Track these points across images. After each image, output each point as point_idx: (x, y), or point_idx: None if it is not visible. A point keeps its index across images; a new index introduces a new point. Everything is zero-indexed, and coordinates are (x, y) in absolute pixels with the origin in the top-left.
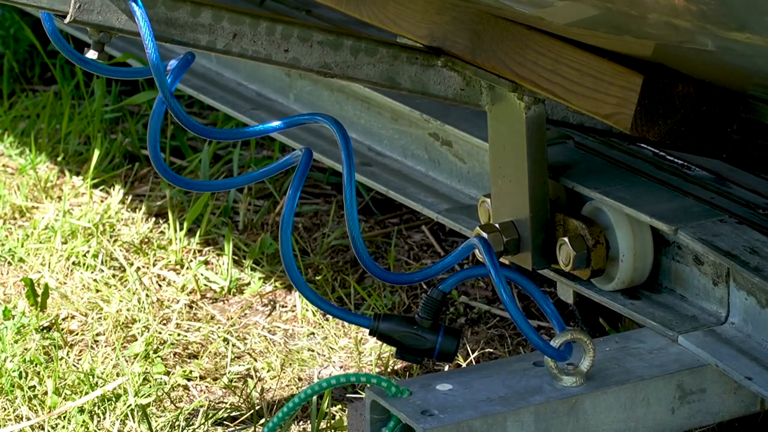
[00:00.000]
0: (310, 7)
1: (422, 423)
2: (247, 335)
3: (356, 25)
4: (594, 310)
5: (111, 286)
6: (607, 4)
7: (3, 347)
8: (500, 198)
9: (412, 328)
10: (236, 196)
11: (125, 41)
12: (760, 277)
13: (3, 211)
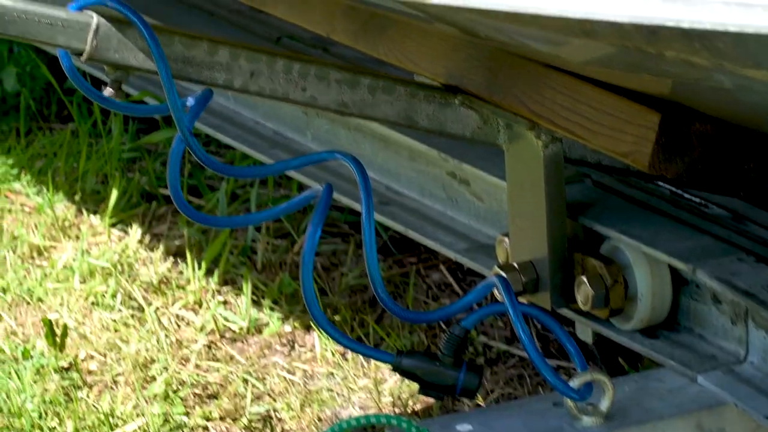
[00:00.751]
0: (326, 45)
1: None
2: (266, 375)
3: (373, 63)
4: (613, 350)
5: (130, 326)
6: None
7: (22, 387)
8: (519, 237)
9: (434, 364)
10: (254, 235)
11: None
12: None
13: (21, 251)
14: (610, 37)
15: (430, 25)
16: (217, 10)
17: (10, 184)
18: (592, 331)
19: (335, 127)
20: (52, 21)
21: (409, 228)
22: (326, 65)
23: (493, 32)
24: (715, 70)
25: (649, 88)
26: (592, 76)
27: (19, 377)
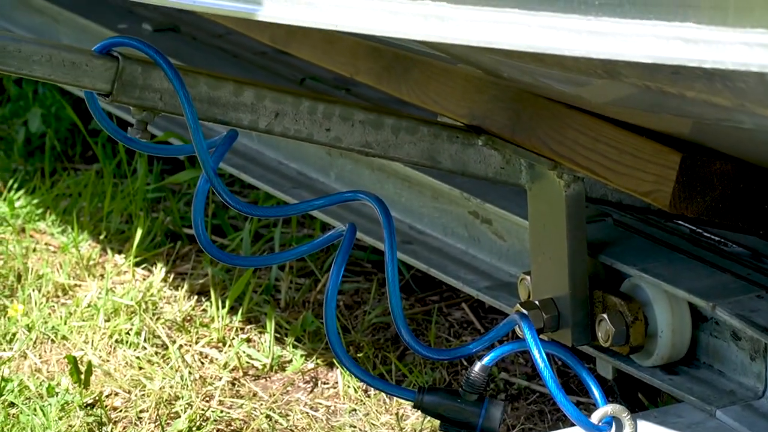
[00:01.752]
0: (348, 86)
1: None
2: (289, 412)
3: (396, 104)
4: (633, 386)
5: (154, 363)
6: (647, 82)
7: (47, 424)
8: (540, 275)
9: (456, 401)
10: (278, 274)
11: (167, 119)
12: None
13: (46, 290)
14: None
15: (454, 66)
16: (241, 52)
17: (35, 223)
18: (613, 367)
19: (359, 167)
20: (78, 62)
21: (431, 266)
22: (350, 106)
23: (517, 73)
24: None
25: (671, 128)
26: (614, 116)
27: (44, 414)
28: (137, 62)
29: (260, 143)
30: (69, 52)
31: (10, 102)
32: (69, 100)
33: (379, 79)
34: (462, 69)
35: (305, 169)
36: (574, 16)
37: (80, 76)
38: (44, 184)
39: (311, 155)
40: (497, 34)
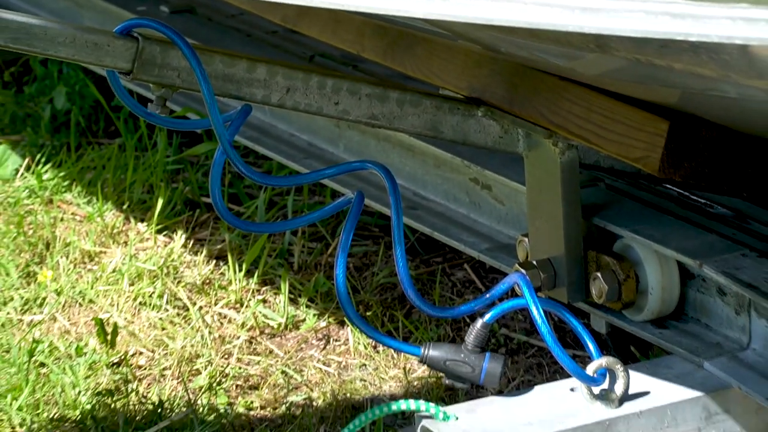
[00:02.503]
0: (356, 62)
1: None
2: (303, 368)
3: (400, 79)
4: (625, 339)
5: (176, 324)
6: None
7: (76, 382)
8: (537, 237)
9: (459, 355)
10: (291, 239)
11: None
12: None
13: (73, 257)
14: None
15: (455, 43)
16: (254, 31)
17: (62, 195)
18: (606, 322)
19: (365, 138)
20: (100, 43)
21: (435, 230)
22: (357, 81)
23: (514, 48)
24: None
25: (659, 98)
26: (606, 87)
27: (73, 373)
28: (156, 42)
29: (273, 117)
30: (91, 33)
31: (37, 81)
32: (92, 79)
33: (384, 56)
34: (462, 45)
35: (315, 141)
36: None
37: (102, 55)
38: (70, 158)
39: (321, 127)
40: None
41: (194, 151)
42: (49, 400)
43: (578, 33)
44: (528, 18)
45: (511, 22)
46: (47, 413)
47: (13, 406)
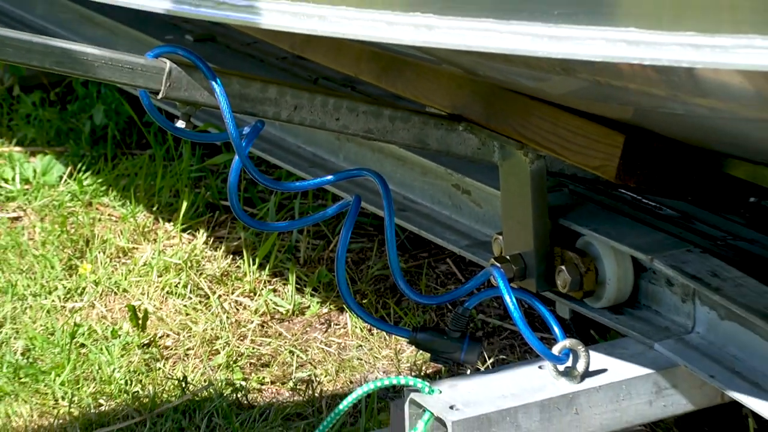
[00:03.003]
0: (354, 84)
1: (450, 415)
2: (308, 348)
3: (392, 98)
4: (586, 324)
5: (198, 310)
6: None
7: (111, 360)
8: (510, 235)
9: (443, 337)
10: (297, 236)
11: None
12: (719, 296)
13: (109, 252)
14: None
15: (439, 67)
16: (266, 57)
17: (100, 199)
18: (569, 309)
19: (362, 150)
20: (133, 66)
21: (422, 229)
22: (355, 99)
23: (491, 71)
24: (670, 99)
25: (616, 114)
26: (569, 105)
27: (109, 352)
28: (182, 66)
29: (282, 131)
30: (126, 58)
31: (78, 100)
32: (126, 98)
33: (379, 78)
34: (446, 69)
35: (319, 152)
36: (537, 23)
37: (136, 77)
38: (107, 167)
39: (323, 140)
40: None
41: (214, 160)
42: (88, 376)
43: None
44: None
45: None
46: (86, 388)
47: (56, 382)
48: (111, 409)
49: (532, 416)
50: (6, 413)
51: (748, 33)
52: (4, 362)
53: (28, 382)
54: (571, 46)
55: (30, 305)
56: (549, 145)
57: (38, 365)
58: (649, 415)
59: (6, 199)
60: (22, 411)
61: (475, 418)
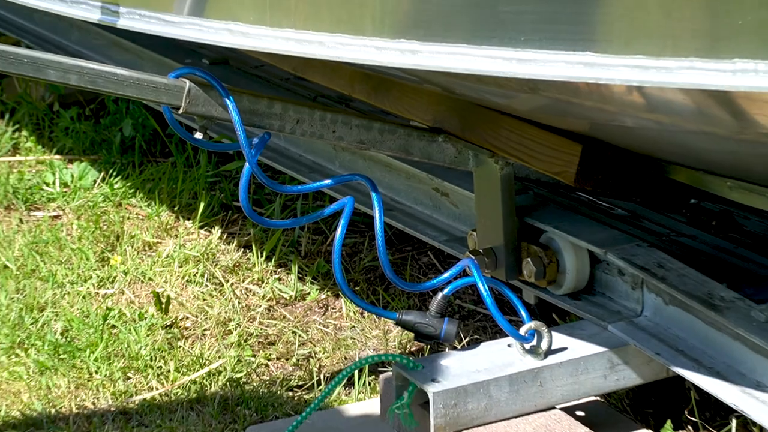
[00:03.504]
0: (348, 101)
1: (431, 387)
2: (308, 329)
3: (381, 113)
4: (549, 308)
5: (213, 296)
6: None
7: (138, 339)
8: (483, 231)
9: (425, 319)
10: (299, 233)
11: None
12: (664, 284)
13: (137, 246)
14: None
15: (421, 86)
16: (272, 78)
17: (129, 200)
18: (534, 295)
19: (355, 158)
20: (158, 85)
21: (406, 226)
22: (349, 114)
23: (465, 90)
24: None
25: (574, 127)
26: (534, 119)
27: (136, 332)
28: (200, 85)
29: (286, 142)
30: (151, 78)
31: (110, 115)
32: (151, 113)
33: (369, 96)
34: (427, 87)
35: (318, 160)
36: (506, 48)
37: (160, 95)
38: (134, 172)
39: (321, 150)
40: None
41: (227, 167)
42: (118, 353)
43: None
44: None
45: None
46: (116, 363)
47: (90, 358)
48: (138, 381)
49: (502, 388)
50: (47, 385)
51: (688, 56)
52: (46, 341)
53: (66, 358)
54: (536, 68)
55: (68, 292)
56: (516, 154)
57: (75, 344)
58: (604, 387)
59: (47, 200)
60: (61, 383)
61: (452, 389)
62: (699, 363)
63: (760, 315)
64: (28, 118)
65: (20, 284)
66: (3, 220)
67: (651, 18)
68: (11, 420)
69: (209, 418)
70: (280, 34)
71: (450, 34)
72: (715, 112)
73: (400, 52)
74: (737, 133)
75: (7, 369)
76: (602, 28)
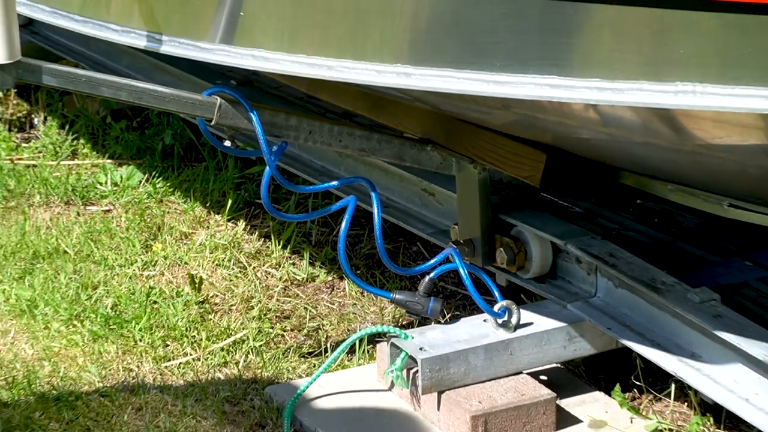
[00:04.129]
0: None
1: (420, 355)
2: (317, 305)
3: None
4: (518, 290)
5: (238, 277)
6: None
7: (176, 313)
8: (463, 225)
9: (414, 298)
10: (310, 225)
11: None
12: (614, 271)
13: (175, 235)
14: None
15: (413, 103)
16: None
17: (168, 197)
18: (506, 279)
19: (357, 164)
20: (194, 102)
21: (399, 221)
22: (353, 127)
23: (449, 107)
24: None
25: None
26: (506, 131)
27: (174, 307)
28: (229, 102)
29: (300, 150)
30: (189, 95)
31: (153, 126)
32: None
33: (369, 112)
34: (417, 105)
35: (326, 165)
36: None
37: (195, 110)
38: (173, 174)
39: (329, 156)
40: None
41: (251, 170)
42: (158, 324)
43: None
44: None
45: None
46: (157, 333)
47: (135, 328)
48: (175, 348)
49: (479, 356)
50: (99, 351)
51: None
52: (98, 314)
53: (115, 329)
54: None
55: (117, 273)
56: (491, 161)
57: (122, 316)
58: (564, 356)
59: (100, 196)
60: (110, 349)
61: (437, 356)
62: (643, 336)
63: (694, 297)
64: (85, 129)
65: (77, 266)
66: (63, 213)
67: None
68: (69, 380)
69: (234, 379)
70: (295, 59)
71: (438, 60)
72: (659, 126)
73: (396, 75)
74: (677, 145)
75: (65, 337)
76: (565, 55)
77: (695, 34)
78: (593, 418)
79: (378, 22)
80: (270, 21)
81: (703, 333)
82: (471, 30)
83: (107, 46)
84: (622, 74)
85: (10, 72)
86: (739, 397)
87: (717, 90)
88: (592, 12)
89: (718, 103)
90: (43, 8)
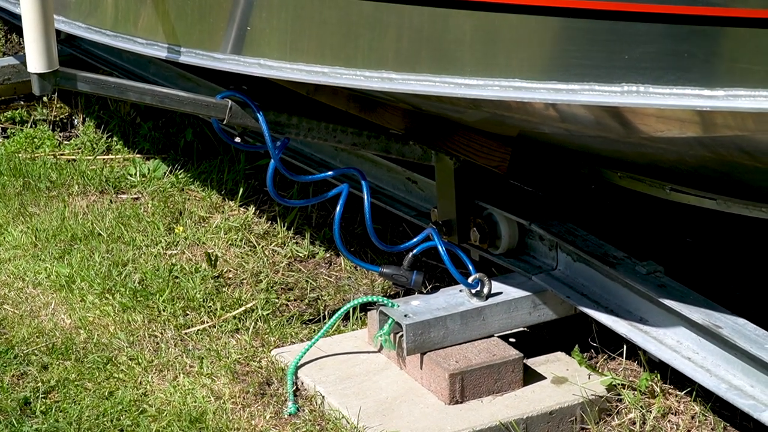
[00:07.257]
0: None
1: (405, 321)
2: (317, 278)
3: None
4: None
5: (249, 254)
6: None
7: (195, 286)
8: (442, 208)
9: (400, 271)
10: (311, 209)
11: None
12: (573, 246)
13: (194, 219)
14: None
15: (397, 103)
16: None
17: (189, 186)
18: (479, 254)
19: (350, 156)
20: (208, 104)
21: (387, 205)
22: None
23: (429, 107)
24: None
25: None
26: (479, 127)
27: (193, 281)
28: (239, 103)
29: (301, 144)
30: (204, 98)
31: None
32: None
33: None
34: (401, 105)
35: (324, 157)
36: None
37: (210, 111)
38: (193, 167)
39: (327, 150)
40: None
41: (259, 163)
42: (180, 296)
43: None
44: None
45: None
46: (178, 304)
47: (159, 300)
48: (194, 317)
49: (456, 322)
50: (127, 320)
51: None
52: (127, 288)
53: (142, 300)
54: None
55: (144, 252)
56: (466, 153)
57: (148, 290)
58: (529, 321)
59: (130, 186)
60: (138, 318)
61: (420, 322)
62: (598, 304)
63: (642, 269)
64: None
65: (109, 247)
66: (98, 201)
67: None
68: (101, 345)
69: (245, 343)
70: (295, 67)
71: (417, 66)
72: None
73: (380, 80)
74: (625, 138)
75: (99, 308)
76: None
77: (639, 42)
78: (556, 375)
79: (366, 35)
80: (273, 34)
81: (650, 300)
82: (444, 40)
83: (137, 57)
84: (577, 77)
85: (48, 80)
86: (682, 356)
87: (658, 90)
88: (551, 23)
89: (660, 101)
90: (80, 25)
